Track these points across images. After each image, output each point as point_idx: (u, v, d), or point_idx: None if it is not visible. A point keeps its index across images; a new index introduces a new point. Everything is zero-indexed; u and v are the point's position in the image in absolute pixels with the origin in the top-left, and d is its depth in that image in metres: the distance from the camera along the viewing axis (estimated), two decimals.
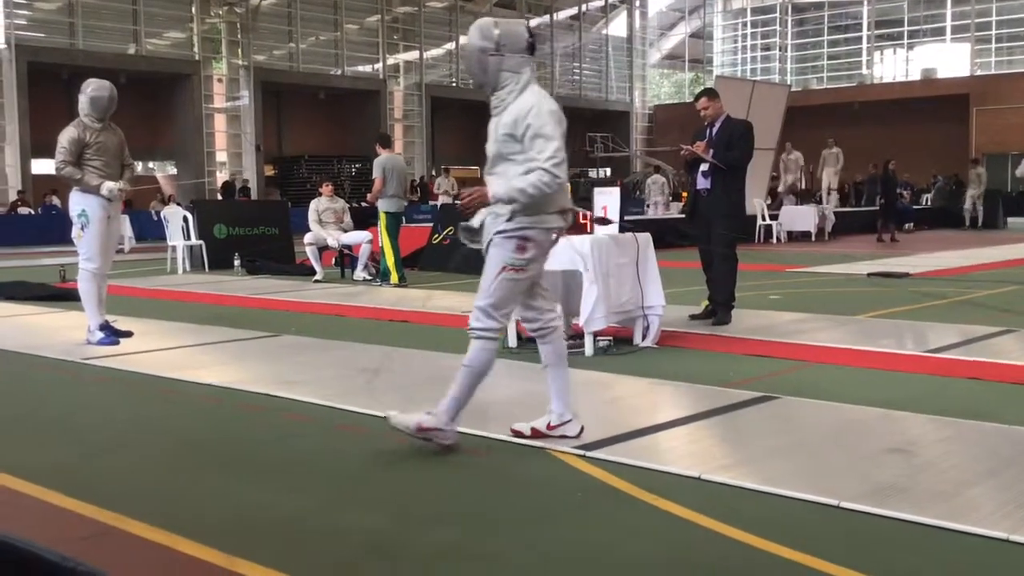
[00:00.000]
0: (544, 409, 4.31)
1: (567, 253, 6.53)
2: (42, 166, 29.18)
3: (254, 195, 31.03)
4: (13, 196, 26.22)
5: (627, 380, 5.66)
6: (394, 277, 11.51)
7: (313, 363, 6.36)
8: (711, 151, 7.71)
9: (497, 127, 4.09)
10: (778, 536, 3.08)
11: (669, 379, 5.63)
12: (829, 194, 24.31)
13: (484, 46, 4.08)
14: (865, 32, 43.89)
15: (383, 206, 11.49)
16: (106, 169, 7.02)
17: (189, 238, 14.60)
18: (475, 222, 4.16)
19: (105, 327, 7.16)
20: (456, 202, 6.57)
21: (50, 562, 1.16)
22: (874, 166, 22.53)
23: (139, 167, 30.91)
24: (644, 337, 6.81)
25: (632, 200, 26.58)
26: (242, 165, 32.89)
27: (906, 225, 24.67)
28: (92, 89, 6.99)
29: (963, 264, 13.88)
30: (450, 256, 13.44)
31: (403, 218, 12.06)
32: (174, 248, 14.35)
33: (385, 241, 11.51)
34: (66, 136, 6.97)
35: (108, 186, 6.94)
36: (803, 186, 24.30)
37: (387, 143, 12.05)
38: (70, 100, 34.65)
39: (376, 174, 11.48)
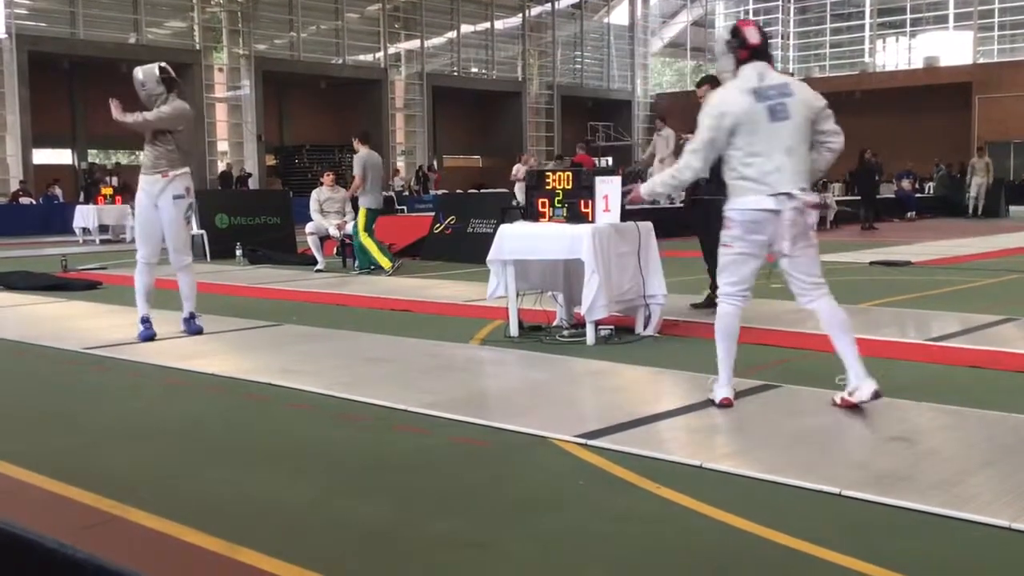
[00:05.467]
0: (544, 397, 4.31)
1: (568, 242, 6.53)
2: (43, 156, 29.16)
3: (255, 184, 30.96)
4: (15, 186, 26.16)
5: (629, 369, 5.66)
6: (386, 264, 11.57)
7: (315, 352, 6.36)
8: None
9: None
10: (779, 524, 3.08)
11: (671, 368, 5.63)
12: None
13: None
14: (867, 20, 43.72)
15: (364, 202, 11.72)
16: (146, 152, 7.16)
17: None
18: None
19: (147, 320, 6.98)
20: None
21: (48, 549, 1.16)
22: (862, 154, 22.44)
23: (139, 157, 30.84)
24: (646, 326, 6.80)
25: None
26: (243, 155, 32.84)
27: (908, 214, 24.65)
28: None
29: (965, 252, 13.85)
30: (452, 245, 13.42)
31: (378, 212, 12.20)
32: None
33: (363, 237, 11.58)
34: None
35: None
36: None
37: (367, 139, 12.14)
38: (70, 89, 34.29)
39: (357, 171, 11.79)
